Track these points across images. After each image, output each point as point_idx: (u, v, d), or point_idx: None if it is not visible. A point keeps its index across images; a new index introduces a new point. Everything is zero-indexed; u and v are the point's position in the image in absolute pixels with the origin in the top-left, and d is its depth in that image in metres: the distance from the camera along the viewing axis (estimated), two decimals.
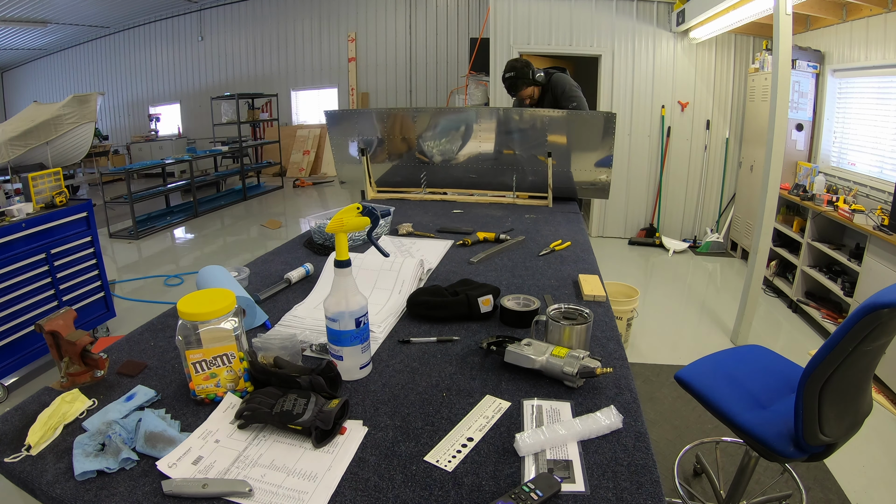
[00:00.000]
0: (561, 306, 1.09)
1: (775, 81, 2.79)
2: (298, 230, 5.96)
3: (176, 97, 10.58)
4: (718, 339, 3.24)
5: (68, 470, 0.74)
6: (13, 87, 11.70)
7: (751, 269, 3.08)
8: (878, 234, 2.77)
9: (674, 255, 4.95)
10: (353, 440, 0.81)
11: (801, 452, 1.25)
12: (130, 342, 1.13)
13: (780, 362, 1.62)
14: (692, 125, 5.08)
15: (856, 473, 2.05)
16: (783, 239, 3.96)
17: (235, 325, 0.89)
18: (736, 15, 3.90)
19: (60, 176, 2.88)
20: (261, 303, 1.32)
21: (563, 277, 1.49)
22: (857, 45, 3.59)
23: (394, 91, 9.52)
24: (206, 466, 0.75)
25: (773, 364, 1.61)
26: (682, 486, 1.97)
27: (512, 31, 4.98)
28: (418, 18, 9.06)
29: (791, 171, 4.06)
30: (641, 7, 4.86)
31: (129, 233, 5.68)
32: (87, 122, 6.07)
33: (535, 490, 0.68)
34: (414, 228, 1.97)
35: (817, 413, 1.17)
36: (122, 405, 0.88)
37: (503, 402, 0.90)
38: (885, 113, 3.43)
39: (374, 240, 1.14)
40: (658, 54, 4.93)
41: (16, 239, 2.55)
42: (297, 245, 1.83)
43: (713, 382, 1.50)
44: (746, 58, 4.85)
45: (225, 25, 9.89)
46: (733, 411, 1.38)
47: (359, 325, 0.95)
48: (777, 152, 2.85)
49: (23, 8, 8.07)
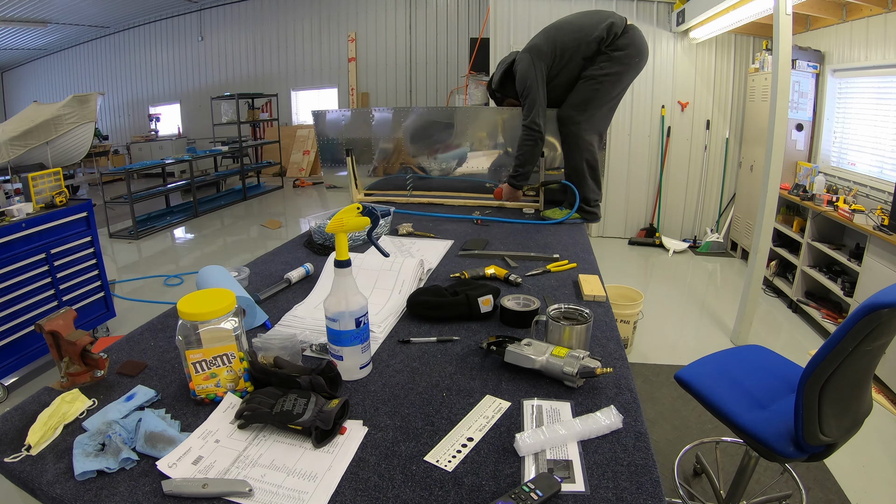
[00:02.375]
0: (561, 306, 1.09)
1: (775, 81, 2.79)
2: (298, 230, 5.96)
3: (176, 97, 10.58)
4: (718, 339, 3.24)
5: (68, 470, 0.74)
6: (13, 87, 11.70)
7: (751, 269, 3.08)
8: (878, 234, 2.77)
9: (674, 255, 4.95)
10: (353, 440, 0.81)
11: (801, 452, 1.25)
12: (130, 342, 1.13)
13: (780, 362, 1.62)
14: (692, 125, 5.08)
15: (856, 473, 2.05)
16: (783, 239, 3.96)
17: (235, 325, 0.89)
18: (736, 15, 3.90)
19: (60, 176, 2.88)
20: (261, 303, 1.32)
21: (563, 277, 1.49)
22: (857, 45, 3.59)
23: (394, 91, 9.52)
24: (206, 466, 0.75)
25: (773, 364, 1.61)
26: (682, 486, 1.97)
27: (512, 31, 4.98)
28: (418, 18, 9.06)
29: (791, 171, 4.06)
30: (641, 7, 4.86)
31: (129, 233, 5.68)
32: (87, 122, 6.07)
33: (535, 490, 0.68)
34: (414, 228, 1.97)
35: (817, 413, 1.17)
36: (122, 405, 0.87)
37: (503, 402, 0.90)
38: (885, 113, 3.43)
39: (374, 240, 1.14)
40: (658, 54, 4.93)
41: (16, 239, 2.55)
42: (297, 245, 1.83)
43: (713, 382, 1.50)
44: (746, 58, 4.85)
45: (225, 25, 9.89)
46: (733, 411, 1.38)
47: (359, 325, 0.95)
48: (777, 152, 2.85)
49: (23, 8, 8.07)
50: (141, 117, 10.65)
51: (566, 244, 1.81)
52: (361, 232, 1.78)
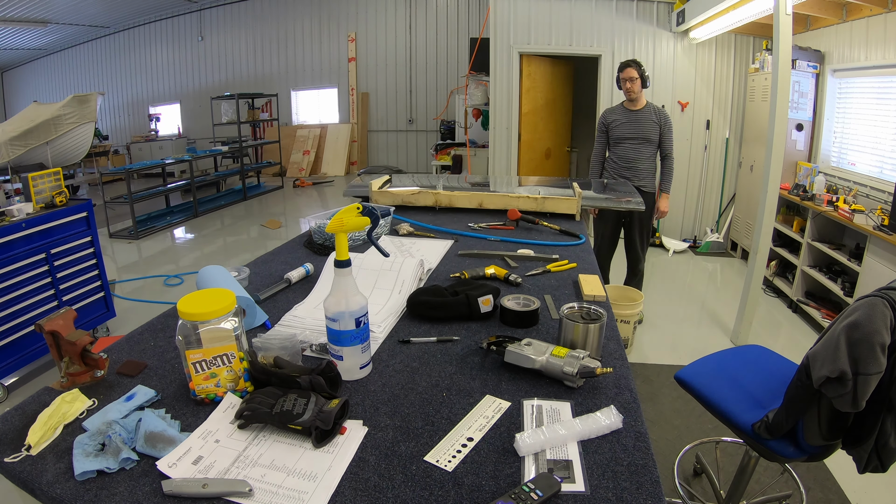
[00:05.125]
0: (574, 305, 1.08)
1: (775, 81, 2.79)
2: (298, 230, 5.96)
3: (176, 97, 10.59)
4: (718, 339, 3.24)
5: (68, 470, 0.74)
6: (13, 87, 11.70)
7: (751, 269, 3.08)
8: (878, 234, 2.77)
9: (674, 255, 4.95)
10: (353, 440, 0.81)
11: (801, 452, 1.25)
12: (130, 342, 1.13)
13: (780, 362, 1.62)
14: (692, 125, 5.08)
15: (856, 473, 2.04)
16: (783, 239, 3.96)
17: (235, 325, 0.89)
18: (736, 15, 3.90)
19: (60, 176, 2.88)
20: (261, 303, 1.32)
21: (563, 277, 1.49)
22: (857, 45, 3.59)
23: (394, 91, 9.52)
24: (206, 466, 0.75)
25: (773, 364, 1.60)
26: (682, 486, 1.97)
27: (512, 31, 4.98)
28: (418, 18, 9.07)
29: (791, 171, 4.06)
30: (641, 7, 4.86)
31: (129, 233, 5.68)
32: (87, 122, 6.07)
33: (535, 490, 0.68)
34: (414, 228, 1.97)
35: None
36: (122, 405, 0.87)
37: (503, 402, 0.90)
38: (885, 113, 3.43)
39: (374, 240, 1.14)
40: (658, 54, 4.93)
41: (16, 239, 2.55)
42: (297, 245, 1.83)
43: (713, 383, 1.50)
44: (746, 58, 4.85)
45: (225, 25, 9.90)
46: (734, 412, 1.38)
47: (359, 325, 0.95)
48: (777, 152, 2.85)
49: (23, 8, 8.07)
50: (141, 117, 10.66)
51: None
52: (361, 232, 1.78)
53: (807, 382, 1.13)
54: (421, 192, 2.27)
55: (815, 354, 1.10)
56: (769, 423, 1.25)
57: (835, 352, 1.04)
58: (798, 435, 1.23)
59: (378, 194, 2.28)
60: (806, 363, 1.13)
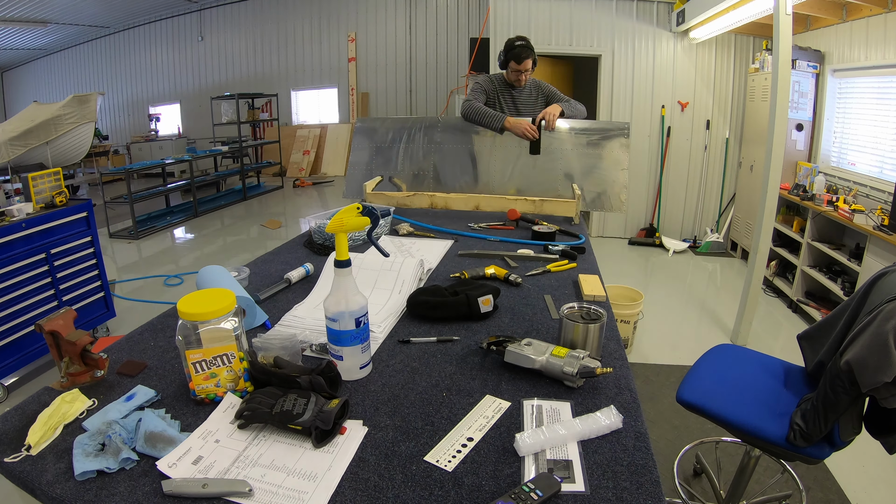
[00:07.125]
0: (574, 305, 1.08)
1: (775, 81, 2.79)
2: (298, 230, 5.96)
3: (176, 97, 10.58)
4: (718, 340, 3.23)
5: (68, 470, 0.74)
6: (13, 87, 11.70)
7: (751, 269, 3.08)
8: (878, 234, 2.77)
9: (674, 255, 4.95)
10: (353, 440, 0.81)
11: (834, 449, 1.25)
12: (130, 342, 1.13)
13: (758, 358, 1.57)
14: (692, 125, 5.08)
15: (856, 473, 2.05)
16: (783, 239, 3.96)
17: (235, 325, 0.89)
18: (736, 15, 3.90)
19: (60, 176, 2.88)
20: (261, 303, 1.32)
21: (563, 277, 1.49)
22: (857, 45, 3.59)
23: (394, 91, 9.52)
24: (206, 466, 0.75)
25: (753, 362, 1.56)
26: (682, 486, 1.97)
27: (512, 31, 4.98)
28: (418, 18, 9.07)
29: (791, 171, 4.06)
30: (641, 7, 4.86)
31: (129, 233, 5.68)
32: (87, 122, 6.08)
33: (535, 490, 0.68)
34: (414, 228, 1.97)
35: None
36: (122, 405, 0.87)
37: (503, 402, 0.90)
38: (885, 113, 3.43)
39: (374, 240, 1.14)
40: (658, 54, 4.93)
41: (16, 239, 2.55)
42: (297, 245, 1.83)
43: (722, 399, 1.40)
44: (746, 58, 4.85)
45: (225, 25, 9.89)
46: (761, 427, 1.31)
47: (359, 325, 0.95)
48: (777, 152, 2.85)
49: (23, 8, 8.07)
50: (141, 117, 10.65)
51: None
52: (361, 232, 1.78)
53: (851, 389, 1.12)
54: (416, 195, 2.27)
55: (863, 361, 1.08)
56: (804, 430, 1.22)
57: (887, 357, 1.04)
58: (834, 435, 1.22)
59: (372, 196, 2.27)
60: (848, 369, 1.11)
